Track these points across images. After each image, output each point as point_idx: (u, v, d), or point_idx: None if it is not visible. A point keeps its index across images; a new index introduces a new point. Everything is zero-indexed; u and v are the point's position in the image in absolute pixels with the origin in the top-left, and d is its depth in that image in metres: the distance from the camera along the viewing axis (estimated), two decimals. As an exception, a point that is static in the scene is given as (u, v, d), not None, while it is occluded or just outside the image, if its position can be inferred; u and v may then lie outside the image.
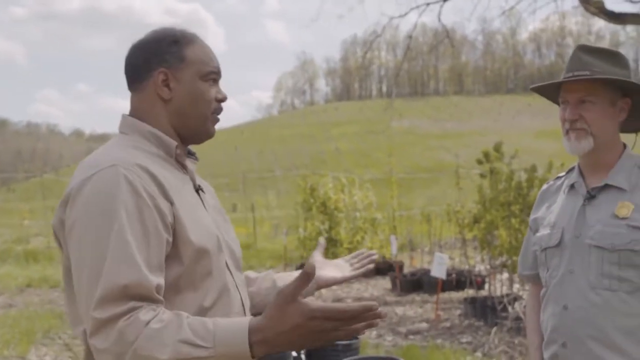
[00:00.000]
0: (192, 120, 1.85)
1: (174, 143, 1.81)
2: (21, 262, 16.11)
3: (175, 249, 1.65)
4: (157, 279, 1.57)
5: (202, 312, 1.69)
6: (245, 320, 1.51)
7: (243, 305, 1.86)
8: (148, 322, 1.49)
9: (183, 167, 1.85)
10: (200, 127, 1.86)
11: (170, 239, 1.64)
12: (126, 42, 1.89)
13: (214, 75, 1.87)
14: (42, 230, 21.87)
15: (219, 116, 1.91)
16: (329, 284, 2.21)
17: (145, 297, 1.54)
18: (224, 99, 1.90)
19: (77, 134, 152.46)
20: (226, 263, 1.82)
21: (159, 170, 1.70)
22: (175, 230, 1.65)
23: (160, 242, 1.60)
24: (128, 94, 1.88)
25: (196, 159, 1.97)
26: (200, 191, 1.87)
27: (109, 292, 1.50)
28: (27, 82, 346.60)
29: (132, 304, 1.51)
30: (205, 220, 1.79)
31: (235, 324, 1.51)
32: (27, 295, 11.79)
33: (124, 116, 1.86)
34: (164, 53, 1.81)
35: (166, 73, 1.81)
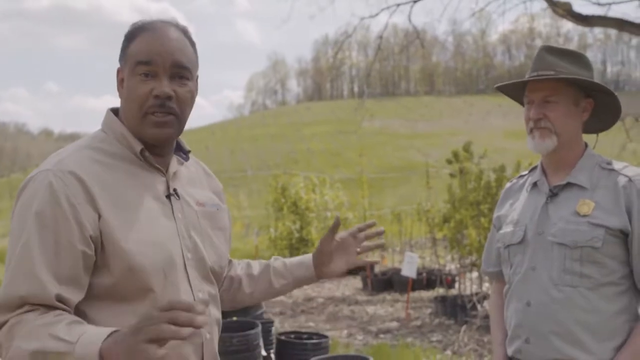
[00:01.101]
0: (130, 122, 1.73)
1: (139, 146, 1.72)
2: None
3: (104, 259, 1.61)
4: (61, 290, 1.55)
5: None
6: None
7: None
8: (35, 319, 1.51)
9: (158, 169, 1.76)
10: (138, 129, 1.72)
11: (91, 252, 1.59)
12: (96, 40, 1.86)
13: (141, 68, 1.68)
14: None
15: (161, 116, 1.70)
16: (332, 275, 2.09)
17: (43, 306, 1.55)
18: (160, 95, 1.68)
19: (46, 133, 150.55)
20: (187, 274, 1.74)
21: (101, 178, 1.64)
22: (102, 242, 1.60)
23: (73, 254, 1.57)
24: (98, 93, 1.86)
25: (185, 157, 1.89)
26: (174, 196, 1.77)
27: (6, 300, 1.54)
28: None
29: (26, 307, 1.53)
30: (161, 232, 1.69)
31: (106, 328, 1.45)
32: None
33: (108, 113, 1.82)
34: (123, 50, 1.77)
35: (119, 71, 1.77)
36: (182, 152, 1.89)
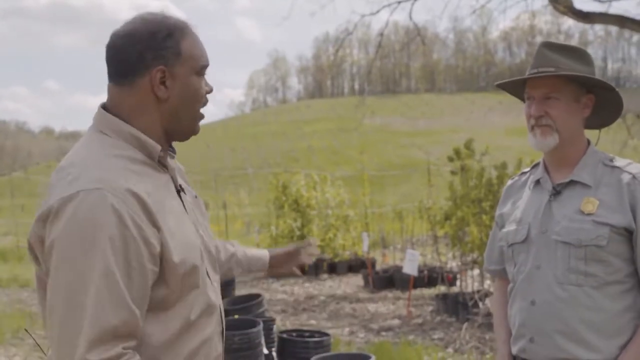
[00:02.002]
0: (184, 120, 1.77)
1: (157, 147, 1.71)
2: (-9, 260, 15.91)
3: (162, 272, 1.61)
4: (140, 313, 1.56)
5: (189, 325, 1.68)
6: None
7: (220, 313, 1.85)
8: None
9: (164, 168, 1.78)
10: (191, 126, 1.81)
11: (157, 269, 1.59)
12: (96, 38, 1.82)
13: (204, 70, 1.80)
14: (11, 229, 21.62)
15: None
16: (280, 276, 2.37)
17: (132, 335, 1.53)
18: (210, 91, 1.83)
19: (47, 131, 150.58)
20: (207, 271, 1.79)
21: (146, 189, 1.62)
22: (162, 255, 1.60)
23: (143, 275, 1.55)
24: (99, 91, 1.80)
25: (174, 152, 1.90)
26: (181, 192, 1.81)
27: (101, 333, 1.48)
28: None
29: (119, 349, 1.50)
30: (189, 229, 1.74)
31: None
32: (46, 328, 11.62)
33: (103, 113, 1.73)
34: (160, 48, 1.69)
35: (164, 71, 1.69)
36: (170, 146, 1.88)
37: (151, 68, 1.69)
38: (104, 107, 1.75)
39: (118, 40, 1.71)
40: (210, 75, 1.83)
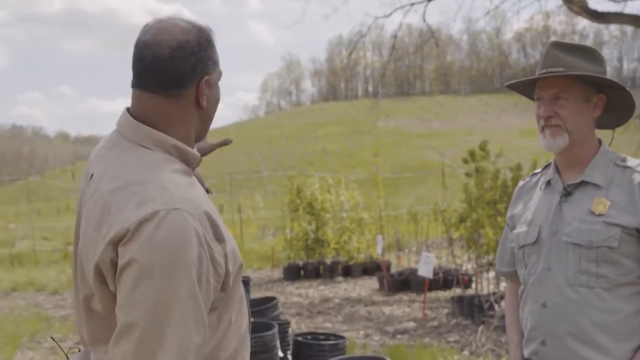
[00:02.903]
0: (209, 125, 1.82)
1: (198, 155, 1.73)
2: (6, 265, 16.01)
3: (225, 282, 1.65)
4: None
5: (231, 325, 1.72)
6: None
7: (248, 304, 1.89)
8: None
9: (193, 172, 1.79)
10: (207, 130, 1.83)
11: (219, 285, 1.62)
12: (109, 44, 1.78)
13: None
14: (28, 234, 21.77)
15: None
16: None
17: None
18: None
19: (63, 136, 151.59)
20: None
21: (209, 203, 1.66)
22: (225, 267, 1.63)
23: (209, 291, 1.57)
24: (112, 95, 1.79)
25: None
26: (208, 192, 1.83)
27: (184, 352, 1.50)
28: (10, 84, 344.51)
29: None
30: (226, 229, 1.76)
31: None
32: (13, 299, 11.71)
33: (137, 124, 1.68)
34: (206, 58, 1.70)
35: (209, 81, 1.72)
36: None
37: (199, 79, 1.69)
38: (131, 115, 1.72)
39: (164, 50, 1.65)
40: (223, 79, 1.83)
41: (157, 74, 1.66)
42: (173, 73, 1.65)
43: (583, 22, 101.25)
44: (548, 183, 2.38)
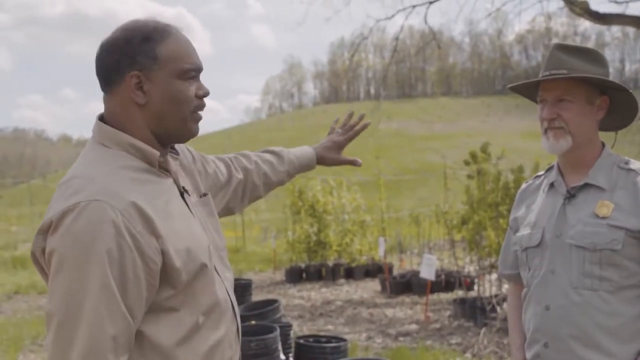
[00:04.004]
0: (171, 123, 1.74)
1: (156, 154, 1.73)
2: (9, 268, 16.03)
3: (165, 276, 1.63)
4: (135, 324, 1.58)
5: (199, 325, 1.70)
6: None
7: (234, 312, 1.86)
8: None
9: (166, 172, 1.79)
10: (181, 128, 1.77)
11: (154, 280, 1.61)
12: None
13: (192, 73, 1.76)
14: (30, 237, 21.75)
15: (202, 113, 1.82)
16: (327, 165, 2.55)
17: (128, 345, 1.56)
18: (205, 95, 1.79)
19: (65, 139, 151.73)
20: (215, 268, 1.81)
21: (147, 197, 1.64)
22: (163, 262, 1.62)
23: (138, 286, 1.57)
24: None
25: (177, 153, 1.90)
26: (185, 194, 1.82)
27: (99, 343, 1.50)
28: (12, 87, 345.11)
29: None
30: (195, 229, 1.76)
31: None
32: (15, 302, 11.72)
33: (100, 124, 1.75)
34: (135, 54, 1.70)
35: (139, 76, 1.69)
36: (171, 148, 1.89)
37: (126, 74, 1.70)
38: (101, 118, 1.77)
39: (100, 50, 1.74)
40: (224, 81, 1.85)
41: (97, 73, 1.76)
42: (101, 69, 1.74)
43: (585, 24, 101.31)
44: (551, 185, 2.38)
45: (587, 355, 2.17)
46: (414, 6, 15.69)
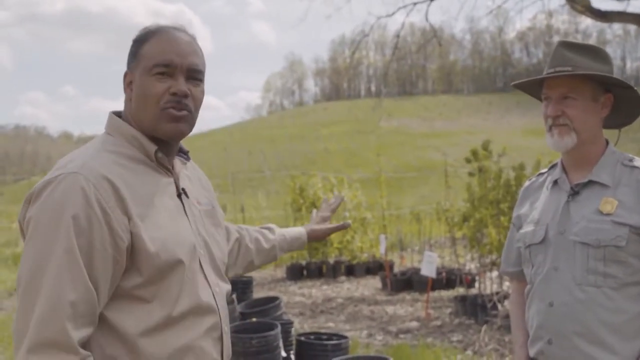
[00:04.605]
0: (142, 119, 1.79)
1: (153, 147, 1.78)
2: (10, 265, 16.03)
3: (133, 261, 1.65)
4: (98, 296, 1.59)
5: (171, 320, 1.69)
6: None
7: (220, 319, 1.84)
8: None
9: (167, 170, 1.82)
10: (153, 125, 1.77)
11: (121, 258, 1.62)
12: (111, 44, 1.88)
13: (159, 69, 1.76)
14: (31, 234, 21.77)
15: (177, 111, 1.77)
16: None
17: (90, 315, 1.57)
18: (177, 92, 1.76)
19: (66, 136, 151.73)
20: (202, 270, 1.80)
21: (128, 180, 1.68)
22: (132, 245, 1.64)
23: (105, 258, 1.60)
24: (115, 95, 1.86)
25: (187, 158, 1.94)
26: (183, 195, 1.84)
27: (57, 306, 1.52)
28: (13, 84, 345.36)
29: (82, 353, 1.54)
30: (182, 227, 1.77)
31: None
32: (16, 299, 11.71)
33: (110, 115, 1.84)
34: (130, 54, 1.83)
35: (127, 74, 1.82)
36: (183, 153, 1.95)
37: (125, 73, 1.84)
38: (116, 113, 1.87)
39: None
40: (225, 78, 1.86)
41: None
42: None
43: (586, 21, 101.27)
44: (555, 183, 2.38)
45: (591, 351, 2.16)
46: (415, 3, 15.68)
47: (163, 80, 1.76)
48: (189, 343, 1.73)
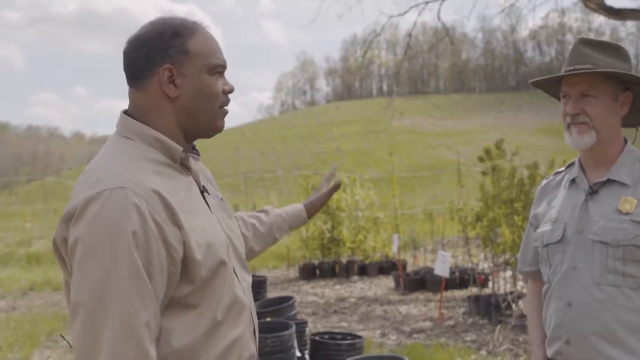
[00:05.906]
0: (200, 117, 1.78)
1: (179, 148, 1.74)
2: (23, 265, 16.11)
3: (185, 270, 1.63)
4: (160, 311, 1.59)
5: (217, 323, 1.70)
6: None
7: (251, 313, 1.86)
8: None
9: (187, 169, 1.80)
10: (209, 123, 1.80)
11: (175, 270, 1.61)
12: (122, 43, 1.81)
13: (220, 68, 1.80)
14: (44, 233, 21.89)
15: (227, 108, 1.86)
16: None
17: (157, 330, 1.56)
18: (231, 91, 1.84)
19: (79, 136, 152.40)
20: (234, 269, 1.81)
21: (169, 188, 1.65)
22: (184, 254, 1.62)
23: (162, 274, 1.58)
24: (126, 95, 1.79)
25: (198, 154, 1.93)
26: (205, 193, 1.84)
27: (137, 329, 1.50)
28: (25, 85, 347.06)
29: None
30: (215, 227, 1.77)
31: None
32: (30, 298, 11.78)
33: (125, 117, 1.77)
34: (166, 47, 1.72)
35: (171, 69, 1.72)
36: (193, 149, 1.92)
37: (158, 67, 1.72)
38: (125, 112, 1.79)
39: (128, 45, 1.77)
40: (237, 78, 1.85)
41: (125, 69, 1.78)
42: (130, 63, 1.76)
43: (599, 19, 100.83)
44: (573, 181, 2.36)
45: (609, 352, 2.14)
46: (427, 2, 15.62)
47: (219, 79, 1.81)
48: (234, 340, 1.74)
